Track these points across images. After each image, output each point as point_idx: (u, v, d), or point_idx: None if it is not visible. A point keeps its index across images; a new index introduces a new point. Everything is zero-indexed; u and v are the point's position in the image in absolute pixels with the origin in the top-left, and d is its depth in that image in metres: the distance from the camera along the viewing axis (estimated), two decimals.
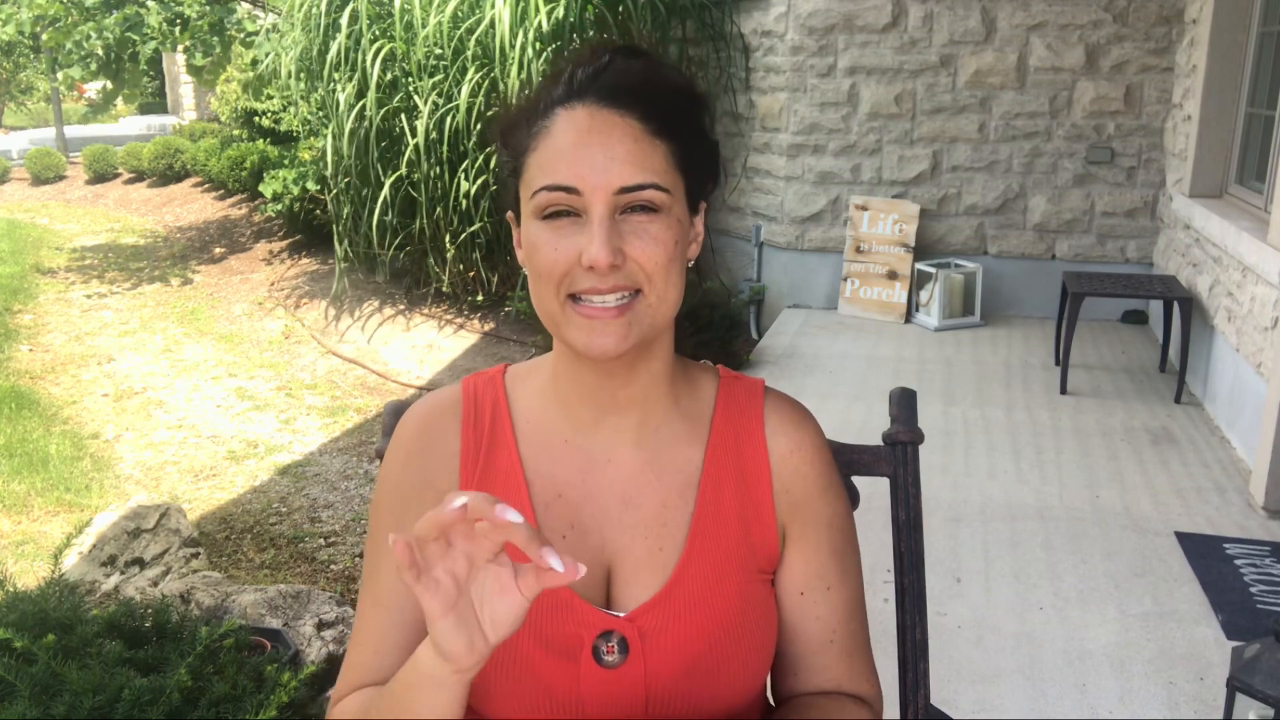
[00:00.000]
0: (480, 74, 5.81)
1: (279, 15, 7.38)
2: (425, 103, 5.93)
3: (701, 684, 0.94)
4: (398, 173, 6.14)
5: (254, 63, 7.95)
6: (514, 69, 5.54)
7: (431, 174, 6.08)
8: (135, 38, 7.61)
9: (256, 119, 10.13)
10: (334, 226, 6.72)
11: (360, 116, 6.10)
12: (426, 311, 6.61)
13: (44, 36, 7.97)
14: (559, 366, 0.99)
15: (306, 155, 7.68)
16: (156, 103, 18.32)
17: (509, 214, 0.96)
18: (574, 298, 0.89)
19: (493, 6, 5.68)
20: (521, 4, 5.67)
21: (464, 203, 6.05)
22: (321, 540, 3.89)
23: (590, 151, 0.86)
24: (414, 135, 5.98)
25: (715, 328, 4.89)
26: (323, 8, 6.28)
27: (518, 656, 0.93)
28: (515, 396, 1.02)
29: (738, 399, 1.03)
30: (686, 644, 0.94)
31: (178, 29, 7.67)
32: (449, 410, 1.01)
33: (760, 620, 0.98)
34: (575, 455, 0.99)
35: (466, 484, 0.98)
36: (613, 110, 0.88)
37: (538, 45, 5.60)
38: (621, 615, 0.94)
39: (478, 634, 0.76)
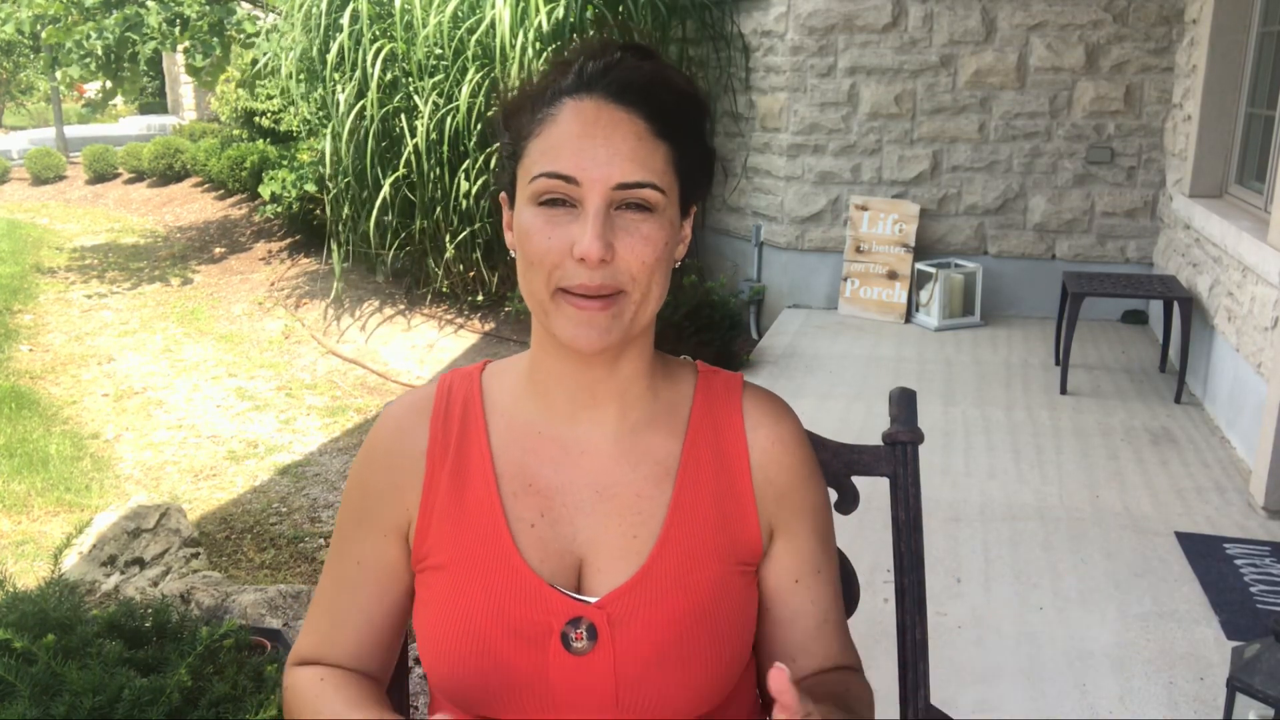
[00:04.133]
0: (480, 74, 5.81)
1: (279, 15, 7.37)
2: (425, 103, 5.93)
3: (672, 673, 0.93)
4: (398, 173, 6.14)
5: (254, 63, 7.95)
6: (514, 69, 5.54)
7: (431, 174, 6.08)
8: (135, 38, 7.61)
9: (256, 119, 10.13)
10: (334, 226, 6.73)
11: (360, 116, 6.10)
12: (426, 311, 6.61)
13: (44, 35, 7.97)
14: (538, 358, 1.00)
15: (305, 157, 7.67)
16: (156, 103, 18.33)
17: (501, 195, 0.98)
18: (564, 290, 0.90)
19: (493, 7, 5.68)
20: (522, 4, 5.67)
21: (464, 203, 6.05)
22: (321, 540, 3.89)
23: (593, 144, 0.88)
24: (414, 135, 5.98)
25: (715, 328, 4.89)
26: (323, 8, 6.28)
27: (487, 647, 0.92)
28: (490, 390, 1.04)
29: (716, 392, 1.04)
30: (657, 631, 0.93)
31: (178, 29, 7.67)
32: (420, 408, 1.03)
33: (735, 611, 0.98)
34: (548, 446, 1.00)
35: (434, 477, 0.99)
36: (619, 107, 0.89)
37: (538, 45, 5.61)
38: (592, 602, 0.94)
39: None
